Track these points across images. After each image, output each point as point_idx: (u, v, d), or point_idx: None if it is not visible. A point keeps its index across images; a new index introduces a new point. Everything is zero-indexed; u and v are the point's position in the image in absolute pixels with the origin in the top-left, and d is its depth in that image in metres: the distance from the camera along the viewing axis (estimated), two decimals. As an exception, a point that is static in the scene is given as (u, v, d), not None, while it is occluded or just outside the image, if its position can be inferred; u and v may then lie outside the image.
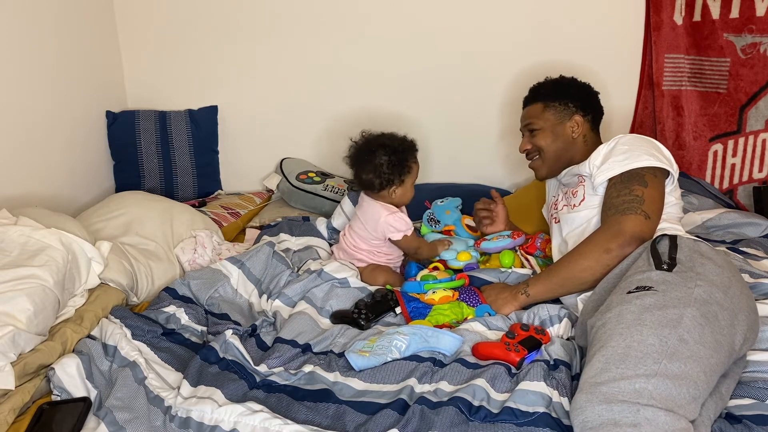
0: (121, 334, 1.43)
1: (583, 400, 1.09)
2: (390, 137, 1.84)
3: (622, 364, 1.11)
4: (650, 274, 1.29)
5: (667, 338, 1.13)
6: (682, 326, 1.15)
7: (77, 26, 2.24)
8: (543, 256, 1.83)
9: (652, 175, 1.53)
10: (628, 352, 1.13)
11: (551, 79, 1.83)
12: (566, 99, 1.74)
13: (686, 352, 1.12)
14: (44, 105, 2.07)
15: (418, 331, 1.44)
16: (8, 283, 1.37)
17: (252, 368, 1.39)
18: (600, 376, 1.11)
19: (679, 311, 1.18)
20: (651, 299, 1.22)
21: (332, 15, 2.38)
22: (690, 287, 1.24)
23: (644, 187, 1.50)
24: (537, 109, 1.77)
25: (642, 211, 1.47)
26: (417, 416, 1.20)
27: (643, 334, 1.15)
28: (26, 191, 1.97)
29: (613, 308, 1.25)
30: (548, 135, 1.74)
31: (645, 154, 1.55)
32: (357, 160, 1.84)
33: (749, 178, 2.26)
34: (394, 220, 1.81)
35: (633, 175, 1.53)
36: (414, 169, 1.85)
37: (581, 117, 1.73)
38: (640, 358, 1.11)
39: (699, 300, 1.21)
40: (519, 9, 2.30)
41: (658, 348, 1.12)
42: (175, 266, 1.87)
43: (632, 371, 1.09)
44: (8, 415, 1.19)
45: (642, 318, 1.18)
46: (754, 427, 1.15)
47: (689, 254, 1.34)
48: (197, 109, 2.50)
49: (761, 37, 2.12)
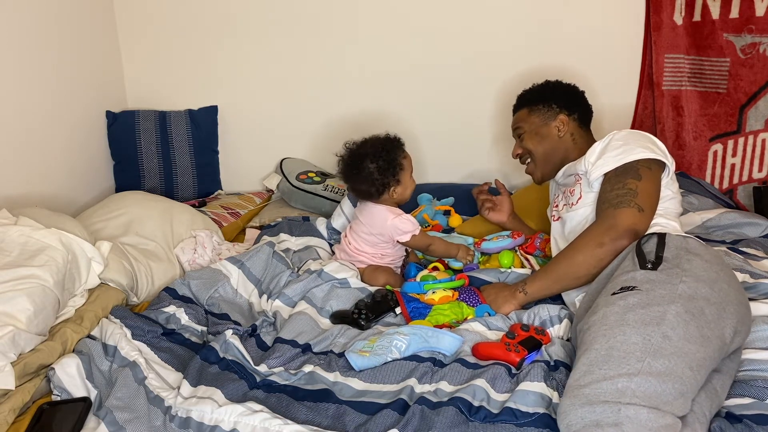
0: (121, 334, 1.43)
1: (566, 404, 1.09)
2: (372, 143, 1.80)
3: (605, 365, 1.11)
4: (634, 274, 1.29)
5: (651, 336, 1.13)
6: (665, 323, 1.15)
7: (77, 26, 2.24)
8: (542, 255, 1.84)
9: (646, 168, 1.52)
10: (611, 352, 1.13)
11: (536, 85, 1.87)
12: (549, 101, 1.78)
13: (670, 349, 1.12)
14: (44, 105, 2.07)
15: (418, 331, 1.44)
16: (8, 283, 1.37)
17: (252, 368, 1.39)
18: (583, 379, 1.11)
19: (662, 308, 1.18)
20: (634, 299, 1.22)
21: (332, 15, 2.38)
22: (674, 284, 1.24)
23: (638, 180, 1.50)
24: (523, 114, 1.83)
25: (635, 204, 1.47)
26: (417, 416, 1.20)
27: (626, 334, 1.15)
28: (26, 191, 1.97)
29: (597, 311, 1.26)
30: (534, 137, 1.78)
31: (639, 148, 1.55)
32: (347, 175, 1.82)
33: (749, 178, 2.26)
34: (400, 222, 1.79)
35: (627, 169, 1.53)
36: (405, 164, 1.82)
37: (566, 116, 1.76)
38: (622, 357, 1.11)
39: (683, 296, 1.21)
40: (519, 9, 2.30)
41: (641, 346, 1.12)
42: (175, 266, 1.87)
43: (615, 371, 1.09)
44: (8, 415, 1.19)
45: (625, 318, 1.18)
46: (754, 427, 1.14)
47: (675, 252, 1.34)
48: (197, 109, 2.50)
49: (761, 37, 2.12)
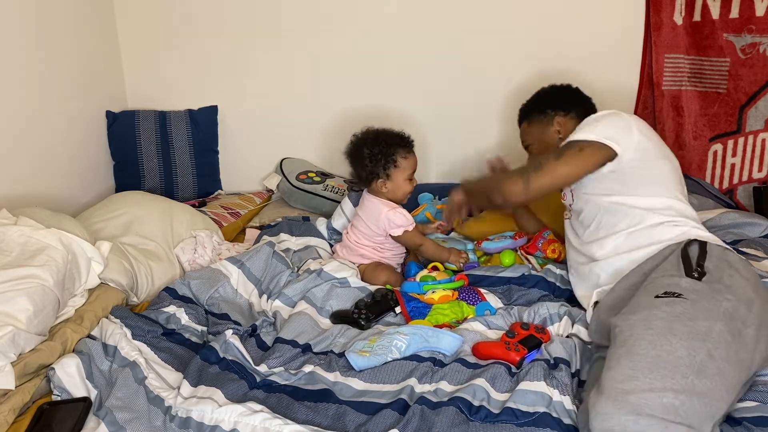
0: (121, 334, 1.43)
1: (608, 407, 1.06)
2: (381, 132, 1.86)
3: (650, 374, 1.09)
4: (679, 281, 1.27)
5: (696, 352, 1.12)
6: (710, 340, 1.14)
7: (77, 26, 2.24)
8: (544, 257, 1.83)
9: (576, 149, 1.49)
10: (657, 362, 1.11)
11: (532, 96, 1.88)
12: (542, 108, 1.81)
13: (713, 369, 1.10)
14: (44, 105, 2.07)
15: (418, 330, 1.44)
16: (8, 283, 1.37)
17: (252, 368, 1.39)
18: (627, 384, 1.09)
19: (708, 324, 1.16)
20: (680, 308, 1.20)
21: (332, 15, 2.38)
22: (718, 300, 1.22)
23: (556, 159, 1.49)
24: (524, 128, 1.87)
25: (527, 177, 1.49)
26: (417, 416, 1.20)
27: (672, 345, 1.13)
28: (26, 191, 1.97)
29: (639, 311, 1.23)
30: (540, 146, 1.80)
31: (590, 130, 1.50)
32: (348, 154, 1.89)
33: (749, 178, 2.26)
34: (393, 215, 1.81)
35: (562, 147, 1.53)
36: (403, 163, 1.83)
37: (562, 117, 1.76)
38: (669, 370, 1.09)
39: (726, 314, 1.19)
40: (519, 9, 2.30)
41: (686, 361, 1.10)
42: (175, 266, 1.87)
43: (661, 383, 1.07)
44: (8, 415, 1.19)
45: (672, 327, 1.16)
46: (754, 429, 1.14)
47: (717, 263, 1.32)
48: (197, 109, 2.50)
49: (761, 37, 2.12)
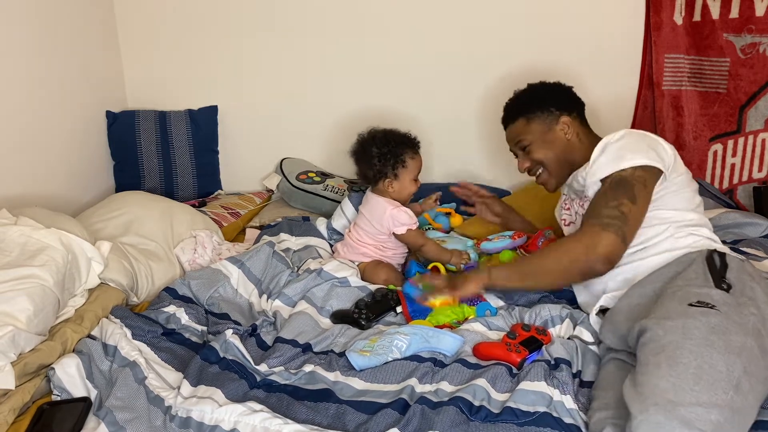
0: (121, 334, 1.43)
1: (660, 417, 1.05)
2: (389, 132, 1.87)
3: (696, 386, 1.09)
4: (710, 292, 1.26)
5: (734, 367, 1.12)
6: (744, 356, 1.14)
7: (77, 26, 2.24)
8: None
9: (642, 185, 1.46)
10: (700, 374, 1.10)
11: (521, 92, 1.77)
12: (546, 105, 1.68)
13: (747, 386, 1.11)
14: (44, 105, 2.07)
15: (419, 331, 1.44)
16: (8, 283, 1.37)
17: (252, 368, 1.39)
18: (675, 394, 1.08)
19: (741, 339, 1.16)
20: (716, 319, 1.19)
21: (332, 15, 2.38)
22: (746, 314, 1.22)
23: (632, 203, 1.44)
24: (521, 125, 1.71)
25: (622, 232, 1.42)
26: (417, 416, 1.20)
27: (713, 358, 1.12)
28: (26, 191, 1.97)
29: (674, 318, 1.22)
30: (542, 146, 1.68)
31: (631, 153, 1.47)
32: (354, 153, 1.90)
33: (749, 178, 2.26)
34: (398, 213, 1.82)
35: (624, 183, 1.46)
36: (410, 164, 1.85)
37: (567, 117, 1.67)
38: (711, 383, 1.09)
39: (754, 330, 1.20)
40: (518, 9, 2.30)
41: (726, 376, 1.10)
42: (175, 266, 1.87)
43: (706, 397, 1.07)
44: (8, 415, 1.19)
45: (709, 339, 1.16)
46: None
47: (738, 275, 1.32)
48: (197, 109, 2.50)
49: (761, 37, 2.12)
